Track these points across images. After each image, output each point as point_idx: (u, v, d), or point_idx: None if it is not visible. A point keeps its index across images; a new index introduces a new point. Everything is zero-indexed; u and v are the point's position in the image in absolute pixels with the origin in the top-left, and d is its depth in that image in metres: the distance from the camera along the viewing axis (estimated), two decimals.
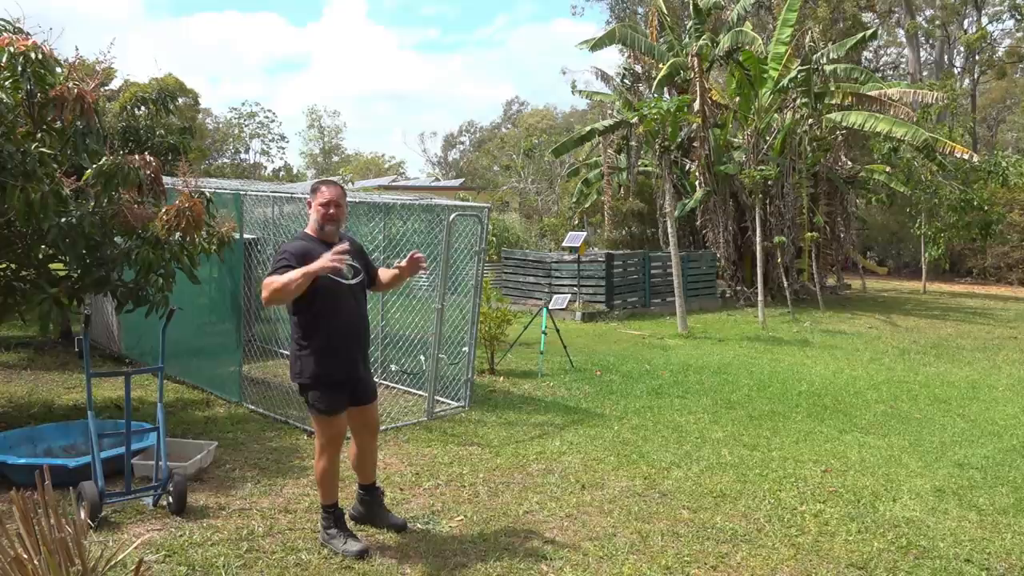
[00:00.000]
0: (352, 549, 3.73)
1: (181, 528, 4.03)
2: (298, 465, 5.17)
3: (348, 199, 4.04)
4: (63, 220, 4.85)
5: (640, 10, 33.02)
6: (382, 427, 6.04)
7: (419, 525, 4.16)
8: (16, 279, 5.47)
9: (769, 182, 15.62)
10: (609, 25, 29.95)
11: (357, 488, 4.17)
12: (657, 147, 13.60)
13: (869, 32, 18.52)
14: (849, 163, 18.01)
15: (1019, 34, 33.74)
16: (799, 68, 15.19)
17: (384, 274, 4.17)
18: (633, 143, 16.98)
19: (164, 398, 4.70)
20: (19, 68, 4.67)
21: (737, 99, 16.92)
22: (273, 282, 3.55)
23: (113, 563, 3.16)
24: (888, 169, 18.45)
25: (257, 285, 7.32)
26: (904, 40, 33.13)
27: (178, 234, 5.13)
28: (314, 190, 3.91)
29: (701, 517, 4.37)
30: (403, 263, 4.01)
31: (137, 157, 4.96)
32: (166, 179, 5.39)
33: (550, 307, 9.42)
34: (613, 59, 68.26)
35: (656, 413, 6.85)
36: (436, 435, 5.99)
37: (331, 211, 3.82)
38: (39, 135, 5.02)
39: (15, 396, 6.94)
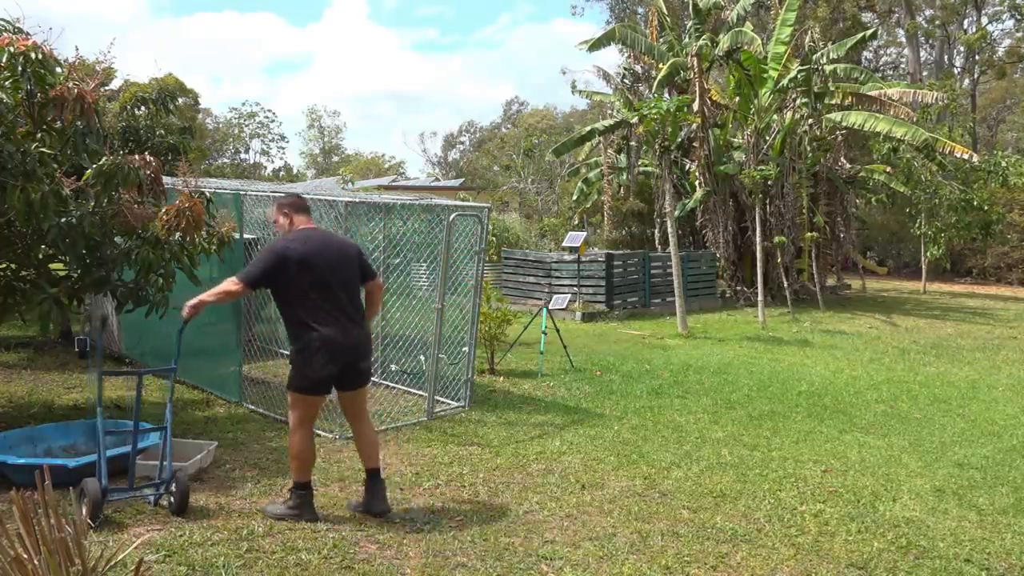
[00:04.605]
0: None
1: (181, 528, 4.02)
2: None
3: (348, 199, 4.05)
4: (63, 220, 4.84)
5: (640, 10, 33.05)
6: (382, 427, 6.05)
7: (419, 525, 4.17)
8: (16, 279, 5.46)
9: (769, 182, 15.62)
10: (609, 25, 29.90)
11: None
12: (657, 147, 13.59)
13: (869, 32, 18.53)
14: (847, 165, 18.02)
15: (1019, 34, 33.71)
16: (799, 68, 15.18)
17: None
18: (633, 143, 16.98)
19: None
20: (19, 68, 4.66)
21: (737, 99, 16.91)
22: None
23: (113, 563, 3.16)
24: (888, 169, 18.45)
25: None
26: (904, 40, 33.13)
27: (178, 234, 5.13)
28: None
29: (701, 517, 4.37)
30: None
31: (137, 157, 4.96)
32: (166, 179, 5.38)
33: (550, 307, 9.42)
34: (613, 59, 68.20)
35: (656, 413, 6.85)
36: (436, 435, 5.99)
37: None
38: (39, 135, 5.01)
39: (15, 396, 6.94)
